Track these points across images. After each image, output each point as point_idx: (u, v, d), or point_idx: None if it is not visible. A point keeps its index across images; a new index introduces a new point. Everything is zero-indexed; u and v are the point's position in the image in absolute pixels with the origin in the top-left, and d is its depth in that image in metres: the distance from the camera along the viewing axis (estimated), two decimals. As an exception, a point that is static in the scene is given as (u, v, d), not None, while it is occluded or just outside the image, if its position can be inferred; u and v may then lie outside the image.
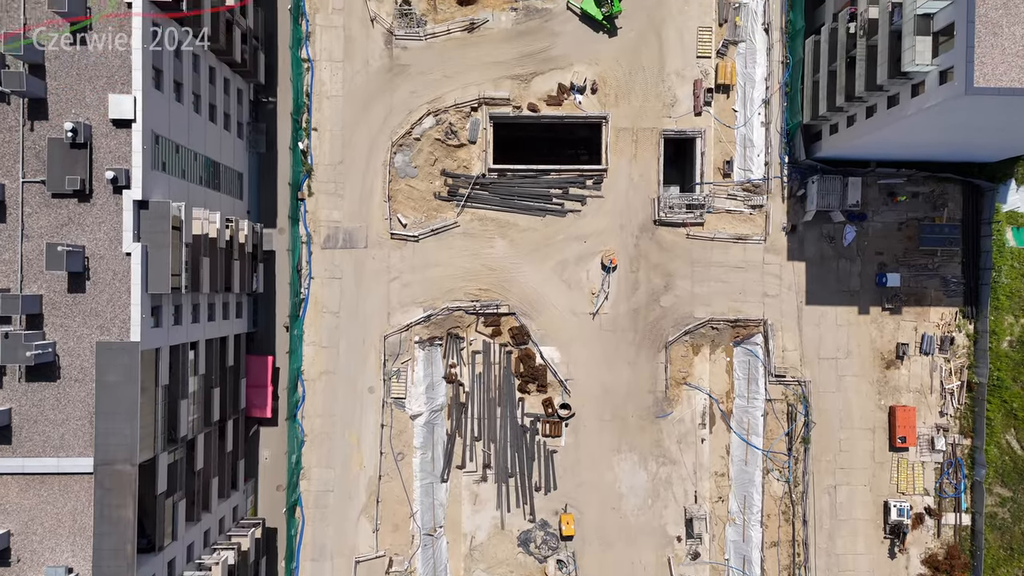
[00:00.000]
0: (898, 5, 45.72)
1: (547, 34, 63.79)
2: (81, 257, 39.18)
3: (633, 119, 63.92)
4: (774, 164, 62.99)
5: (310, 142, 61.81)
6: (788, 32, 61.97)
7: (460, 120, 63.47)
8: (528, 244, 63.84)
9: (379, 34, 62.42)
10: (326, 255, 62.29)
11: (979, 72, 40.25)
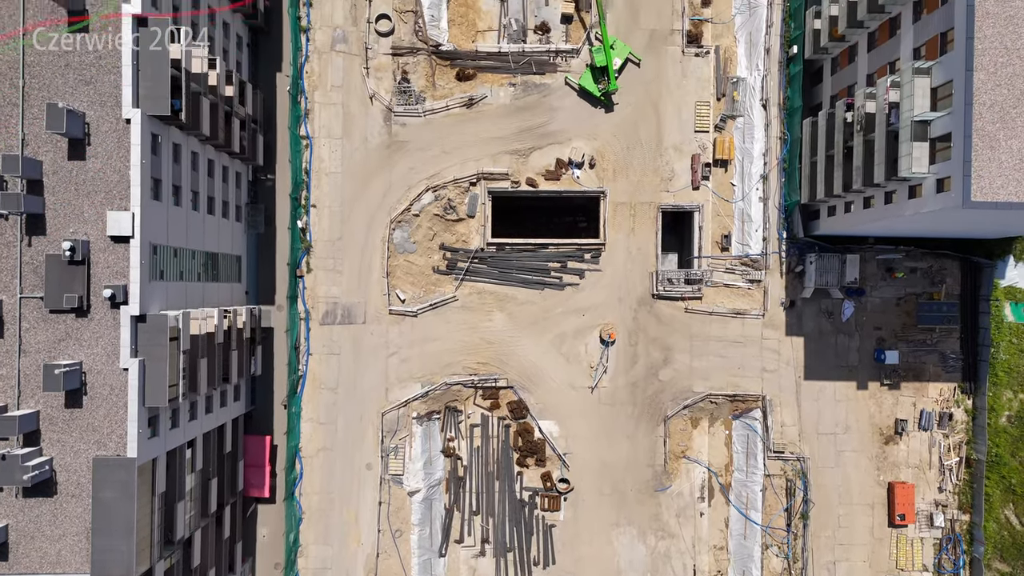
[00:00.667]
0: (895, 106, 45.84)
1: (545, 109, 63.98)
2: (78, 374, 39.17)
3: (631, 193, 64.03)
4: (772, 240, 63.07)
5: (309, 219, 61.90)
6: (786, 108, 62.16)
7: (459, 195, 63.58)
8: (526, 317, 63.85)
9: (378, 111, 62.57)
10: (324, 331, 62.27)
11: (976, 186, 40.34)
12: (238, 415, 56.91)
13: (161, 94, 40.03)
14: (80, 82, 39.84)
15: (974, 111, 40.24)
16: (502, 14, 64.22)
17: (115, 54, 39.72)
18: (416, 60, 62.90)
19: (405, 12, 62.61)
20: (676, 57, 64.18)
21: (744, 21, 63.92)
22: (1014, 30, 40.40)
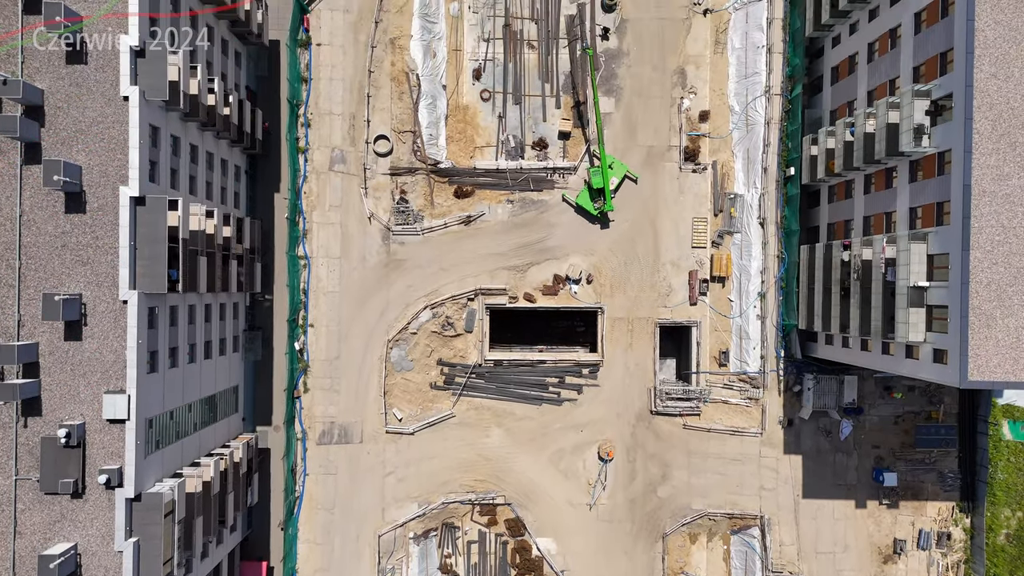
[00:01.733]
0: (891, 263, 45.90)
1: (543, 225, 64.08)
2: (73, 560, 38.97)
3: (629, 309, 64.05)
4: (770, 358, 63.02)
5: (306, 339, 61.83)
6: (783, 227, 62.26)
7: (456, 311, 63.57)
8: (524, 433, 63.70)
9: (376, 230, 62.63)
10: (321, 451, 62.08)
11: (973, 364, 40.33)
12: (234, 546, 56.60)
13: (158, 272, 40.08)
14: (77, 263, 39.85)
15: (971, 289, 40.28)
16: (500, 130, 64.45)
17: (113, 234, 39.78)
18: (414, 179, 63.03)
19: (403, 132, 62.79)
20: (673, 173, 64.38)
21: (741, 137, 64.13)
22: (1011, 209, 40.52)
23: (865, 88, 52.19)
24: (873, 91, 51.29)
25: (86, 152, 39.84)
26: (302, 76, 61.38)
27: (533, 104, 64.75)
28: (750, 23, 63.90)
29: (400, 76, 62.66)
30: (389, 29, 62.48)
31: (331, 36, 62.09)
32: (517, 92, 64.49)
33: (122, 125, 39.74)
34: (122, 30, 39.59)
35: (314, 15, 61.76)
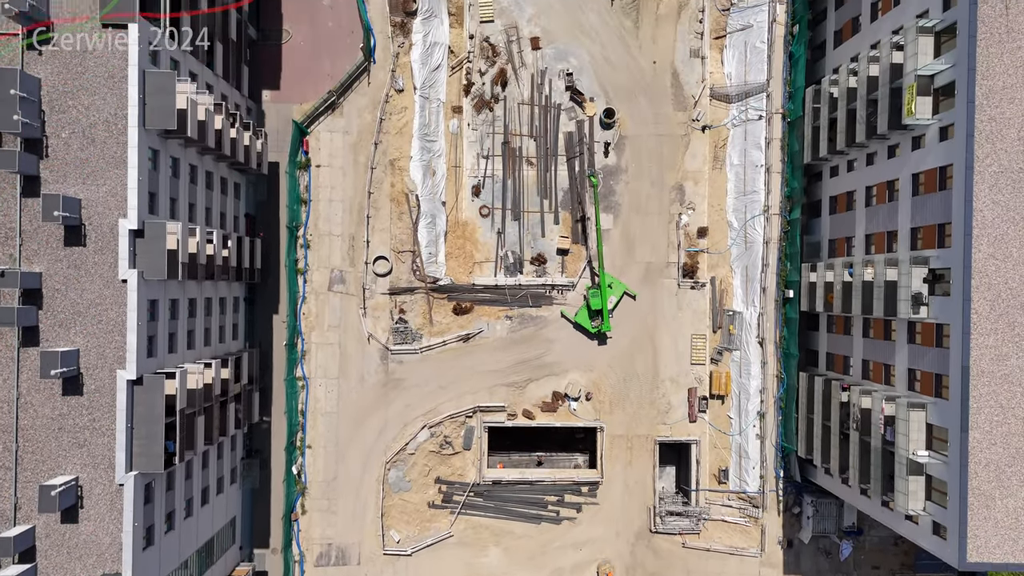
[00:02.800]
0: (890, 420, 45.77)
1: (542, 341, 64.02)
2: None
3: (628, 426, 63.90)
4: (769, 478, 62.78)
5: (304, 460, 61.66)
6: (782, 348, 62.19)
7: (455, 429, 63.43)
8: (523, 552, 63.42)
9: (375, 350, 62.58)
10: (319, 573, 61.77)
11: (972, 545, 40.14)
12: None
13: (155, 451, 40.00)
14: (74, 445, 39.79)
15: (970, 469, 40.15)
16: (499, 246, 64.51)
17: (110, 415, 39.73)
18: (413, 298, 63.03)
19: (402, 252, 62.86)
20: (672, 290, 64.39)
21: (740, 253, 64.16)
22: (1009, 389, 40.44)
23: (863, 230, 52.25)
24: (871, 236, 51.34)
25: (84, 334, 39.85)
26: (301, 198, 61.51)
27: (532, 220, 64.85)
28: (748, 141, 64.06)
29: (400, 197, 62.79)
30: (389, 151, 62.66)
31: (331, 158, 62.26)
32: (516, 208, 64.60)
33: (120, 307, 39.77)
34: (121, 212, 39.69)
35: (313, 137, 61.96)
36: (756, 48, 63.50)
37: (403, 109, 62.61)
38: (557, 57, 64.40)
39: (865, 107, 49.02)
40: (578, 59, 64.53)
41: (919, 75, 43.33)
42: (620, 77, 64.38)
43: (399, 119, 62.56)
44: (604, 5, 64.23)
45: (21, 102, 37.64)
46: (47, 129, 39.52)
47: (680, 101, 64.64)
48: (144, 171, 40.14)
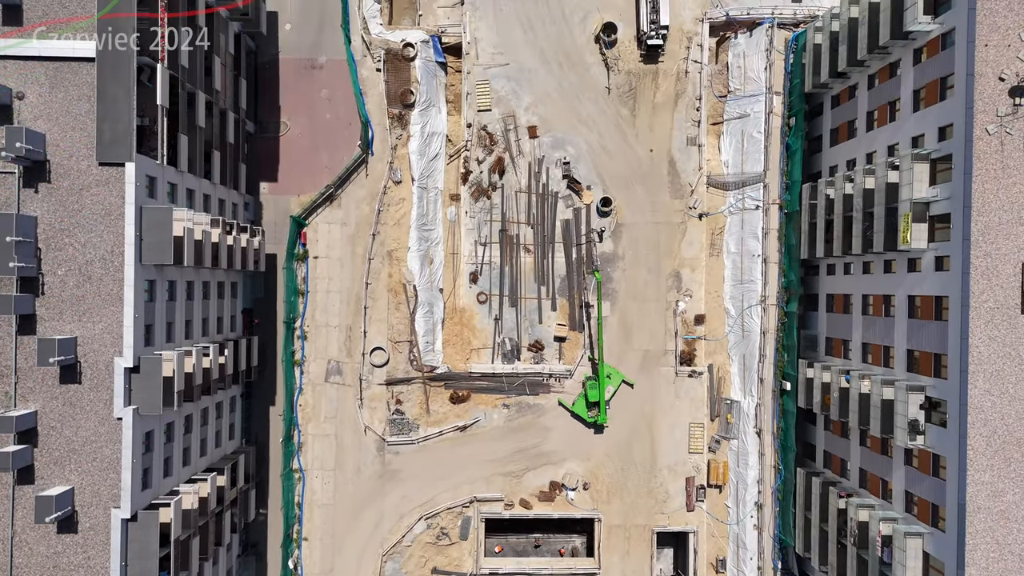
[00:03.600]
0: (888, 540, 45.65)
1: (539, 430, 63.92)
2: None
3: (625, 515, 63.72)
4: (767, 570, 62.55)
5: (300, 554, 61.45)
6: (780, 440, 62.03)
7: (452, 519, 63.24)
8: (520, 642, 63.23)
9: (372, 441, 62.49)
10: (315, 666, 61.57)
11: None
12: None
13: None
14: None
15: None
16: (496, 332, 64.51)
17: (104, 553, 39.59)
18: (410, 388, 62.98)
19: (400, 342, 62.86)
20: (669, 378, 64.36)
21: (737, 341, 64.17)
22: (1006, 526, 40.35)
23: (860, 338, 52.26)
24: (868, 345, 51.34)
25: (78, 472, 39.77)
26: (299, 289, 61.54)
27: (529, 307, 64.88)
28: (746, 230, 64.17)
29: (397, 287, 62.83)
30: (387, 241, 62.73)
31: (328, 249, 62.33)
32: (513, 295, 64.63)
33: (115, 444, 39.70)
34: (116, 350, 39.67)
35: (311, 229, 62.05)
36: (753, 138, 63.69)
37: (401, 200, 62.73)
38: (554, 145, 64.58)
39: (861, 221, 49.10)
40: (575, 147, 64.70)
41: (915, 202, 43.43)
42: (617, 165, 64.54)
43: (397, 210, 62.67)
44: (601, 94, 64.46)
45: (17, 246, 37.68)
46: (43, 267, 39.55)
47: (677, 189, 64.78)
48: (140, 308, 40.18)
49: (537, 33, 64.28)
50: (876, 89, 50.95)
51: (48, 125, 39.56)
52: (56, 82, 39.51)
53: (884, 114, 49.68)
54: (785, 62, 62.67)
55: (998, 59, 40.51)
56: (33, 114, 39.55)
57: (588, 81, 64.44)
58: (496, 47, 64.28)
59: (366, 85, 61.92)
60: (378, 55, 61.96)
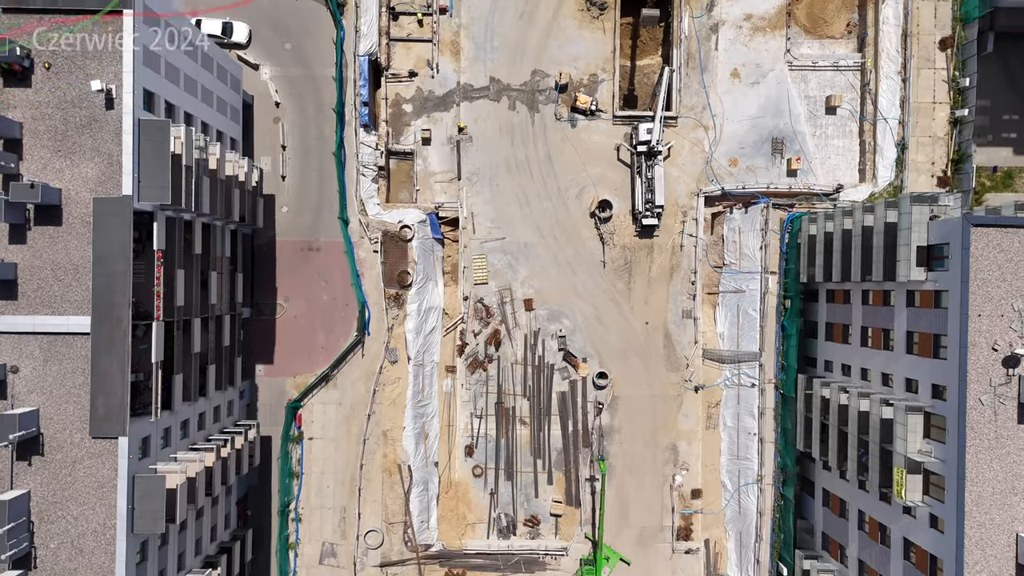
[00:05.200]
0: None
1: (535, 607, 63.58)
2: None
3: None
4: None
5: None
6: (777, 623, 61.75)
7: None
8: None
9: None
10: None
11: None
12: None
13: None
14: None
15: None
16: (492, 507, 64.27)
17: None
18: (405, 570, 62.68)
19: (394, 523, 62.60)
20: (666, 554, 64.05)
21: (734, 516, 63.93)
22: None
23: (855, 551, 52.01)
24: (864, 564, 51.04)
25: None
26: (293, 471, 61.39)
27: (525, 480, 64.67)
28: (741, 405, 64.11)
29: (392, 467, 62.66)
30: (382, 421, 62.64)
31: (323, 430, 62.24)
32: (509, 468, 64.47)
33: None
34: None
35: (306, 409, 61.98)
36: (749, 315, 63.80)
37: (396, 380, 62.71)
38: (550, 318, 64.70)
39: (856, 447, 49.04)
40: (571, 320, 64.81)
41: (908, 457, 43.37)
42: (613, 338, 64.61)
43: (392, 390, 62.64)
44: (597, 267, 64.67)
45: (10, 531, 37.56)
46: (36, 540, 39.43)
47: (673, 362, 64.79)
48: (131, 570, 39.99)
49: (533, 208, 64.63)
50: (871, 309, 51.05)
51: (42, 399, 39.60)
52: (50, 355, 39.59)
53: (878, 338, 49.76)
54: (781, 242, 62.99)
55: (991, 329, 40.64)
56: (27, 388, 39.61)
57: (584, 255, 64.71)
58: (493, 221, 64.62)
59: (363, 266, 62.13)
60: (375, 236, 62.20)
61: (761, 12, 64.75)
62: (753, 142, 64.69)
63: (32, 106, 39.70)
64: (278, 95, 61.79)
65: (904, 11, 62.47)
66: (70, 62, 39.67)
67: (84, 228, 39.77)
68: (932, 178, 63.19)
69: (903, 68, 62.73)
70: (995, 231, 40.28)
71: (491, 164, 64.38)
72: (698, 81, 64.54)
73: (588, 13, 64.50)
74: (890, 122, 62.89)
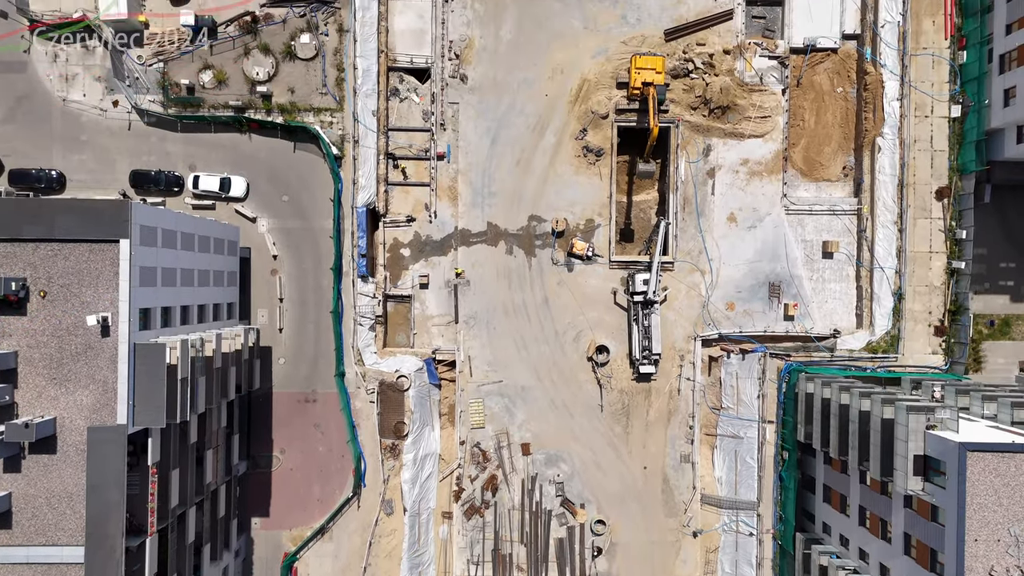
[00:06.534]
0: None
1: None
2: None
3: None
4: None
5: None
6: None
7: None
8: None
9: None
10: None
11: None
12: None
13: None
14: None
15: None
16: (489, 655, 63.87)
17: None
18: None
19: (390, 677, 62.24)
20: None
21: (733, 664, 63.61)
22: None
23: None
24: None
25: None
26: (290, 627, 61.06)
27: (523, 628, 64.23)
28: (740, 553, 63.78)
29: (389, 618, 62.36)
30: (378, 574, 62.29)
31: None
32: (506, 615, 64.08)
33: None
34: None
35: (302, 563, 61.58)
36: (747, 463, 63.58)
37: (392, 531, 62.41)
38: (548, 463, 64.48)
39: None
40: (569, 464, 64.58)
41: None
42: (611, 482, 64.36)
43: (388, 542, 62.32)
44: (594, 411, 64.55)
45: None
46: None
47: (671, 507, 64.51)
48: None
49: (530, 351, 64.59)
50: (868, 492, 50.86)
51: (35, 629, 39.36)
52: (44, 584, 39.43)
53: (876, 525, 49.56)
54: (778, 391, 62.93)
55: (988, 554, 40.44)
56: (20, 618, 39.40)
57: (581, 398, 64.61)
58: (490, 364, 64.57)
59: (359, 416, 62.00)
60: (372, 387, 62.10)
61: (758, 157, 65.01)
62: (750, 286, 64.79)
63: (27, 334, 39.77)
64: (276, 247, 61.96)
65: (900, 162, 62.70)
66: (66, 290, 39.77)
67: (79, 456, 39.72)
68: (929, 327, 63.24)
69: (899, 218, 62.90)
70: (992, 456, 40.20)
71: (488, 308, 64.44)
72: (695, 225, 64.73)
73: (584, 159, 64.76)
74: (887, 271, 62.97)
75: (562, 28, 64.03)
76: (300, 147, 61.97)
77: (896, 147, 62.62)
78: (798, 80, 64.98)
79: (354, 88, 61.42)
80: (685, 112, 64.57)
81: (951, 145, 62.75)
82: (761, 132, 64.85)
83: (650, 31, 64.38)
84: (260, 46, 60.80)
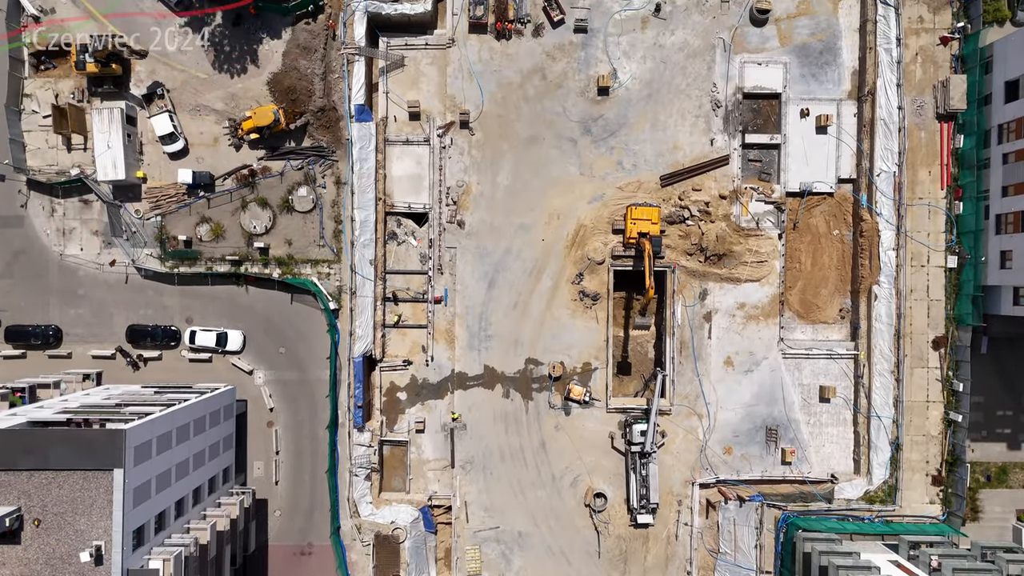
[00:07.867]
0: None
1: None
2: None
3: None
4: None
5: None
6: None
7: None
8: None
9: None
10: None
11: None
12: None
13: None
14: None
15: None
16: None
17: None
18: None
19: None
20: None
21: None
22: None
23: None
24: None
25: None
26: None
27: None
28: None
29: None
30: None
31: None
32: None
33: None
34: None
35: None
36: (747, 615, 63.29)
37: None
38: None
39: None
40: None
41: None
42: (609, 630, 64.03)
43: None
44: (592, 558, 64.17)
45: None
46: None
47: (670, 657, 64.12)
48: None
49: (527, 496, 64.33)
50: (866, 675, 50.59)
51: None
52: None
53: None
54: (776, 542, 62.67)
55: None
56: None
57: (578, 544, 64.28)
58: (486, 510, 64.28)
59: (355, 569, 61.69)
60: (368, 539, 61.82)
61: (754, 301, 65.04)
62: (747, 430, 64.65)
63: (21, 563, 39.55)
64: (272, 399, 61.88)
65: (897, 311, 62.69)
66: (60, 518, 39.60)
67: None
68: (926, 476, 63.06)
69: (896, 368, 62.83)
70: None
71: (485, 452, 64.25)
72: (691, 369, 64.65)
73: (581, 303, 64.79)
74: (884, 420, 62.83)
75: (559, 175, 64.24)
76: (297, 299, 62.09)
77: (892, 296, 62.63)
78: (795, 223, 65.15)
79: (351, 240, 61.55)
80: (681, 257, 64.71)
81: (948, 295, 62.84)
82: (757, 276, 64.93)
83: (646, 177, 64.58)
84: (258, 199, 61.01)
